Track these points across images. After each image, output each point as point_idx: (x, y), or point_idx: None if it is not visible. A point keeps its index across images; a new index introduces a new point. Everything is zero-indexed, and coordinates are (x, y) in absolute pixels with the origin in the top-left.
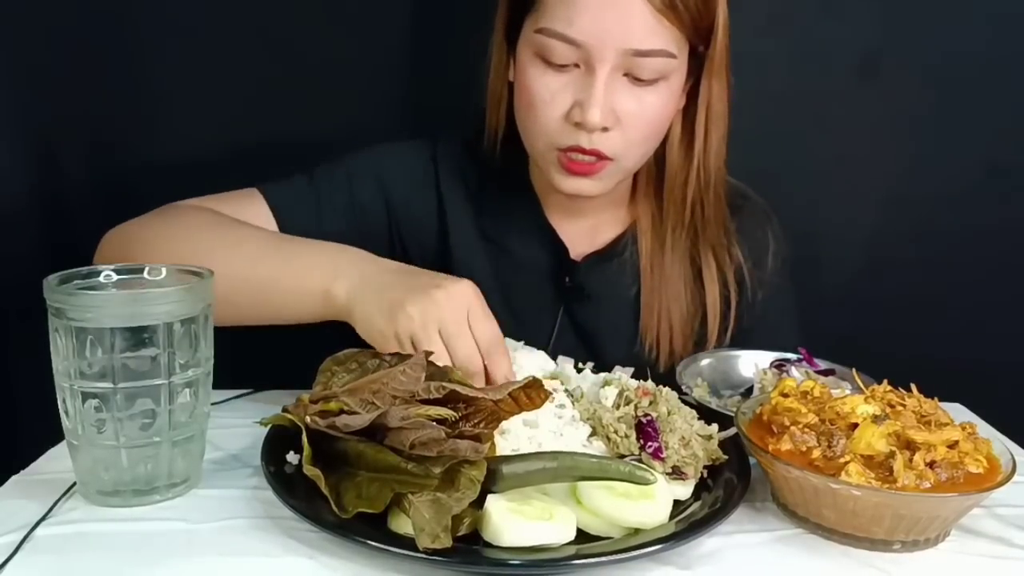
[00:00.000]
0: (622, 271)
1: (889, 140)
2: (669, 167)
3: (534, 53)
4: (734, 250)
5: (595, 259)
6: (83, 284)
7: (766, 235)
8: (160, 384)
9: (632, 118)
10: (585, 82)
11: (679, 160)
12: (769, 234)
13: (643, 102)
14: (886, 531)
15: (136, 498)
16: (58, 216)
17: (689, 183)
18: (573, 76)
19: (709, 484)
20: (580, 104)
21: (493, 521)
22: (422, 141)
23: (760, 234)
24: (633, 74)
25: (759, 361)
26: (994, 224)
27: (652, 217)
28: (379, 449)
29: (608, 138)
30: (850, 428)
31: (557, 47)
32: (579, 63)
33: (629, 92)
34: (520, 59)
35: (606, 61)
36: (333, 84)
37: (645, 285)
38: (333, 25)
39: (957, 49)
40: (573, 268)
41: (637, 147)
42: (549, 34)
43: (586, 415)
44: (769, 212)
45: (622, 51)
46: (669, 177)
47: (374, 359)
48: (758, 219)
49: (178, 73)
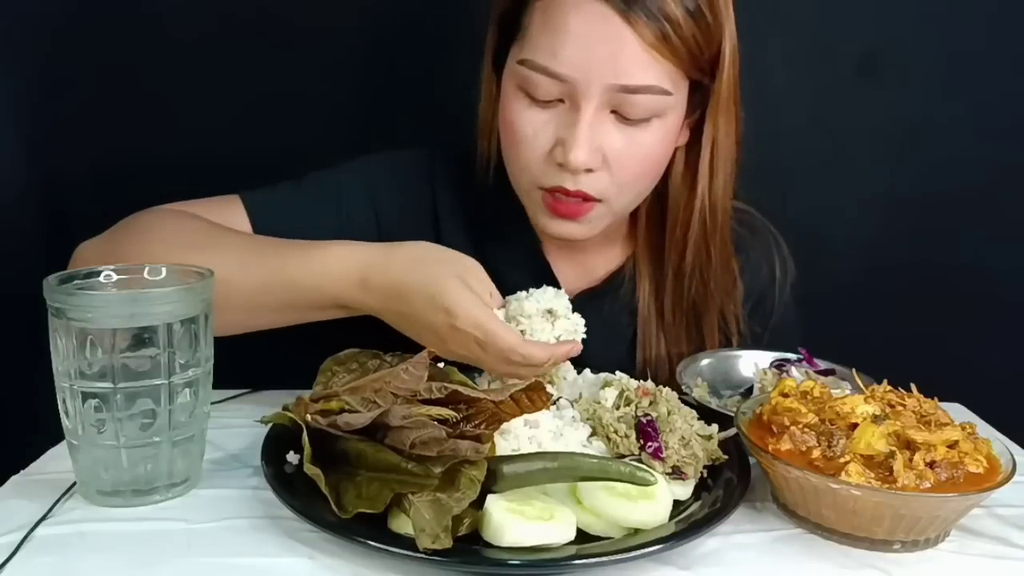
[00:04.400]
0: (619, 309)
1: (889, 140)
2: (671, 207)
3: (517, 85)
4: (738, 292)
5: (589, 296)
6: (83, 284)
7: (772, 268)
8: (160, 384)
9: (621, 158)
10: (569, 119)
11: (682, 200)
12: (776, 267)
13: (634, 141)
14: (886, 531)
15: (136, 498)
16: (58, 216)
17: (692, 226)
18: (557, 112)
19: (709, 484)
20: (563, 143)
21: (493, 521)
22: (419, 154)
23: (766, 269)
24: (622, 112)
25: (759, 361)
26: (994, 224)
27: (651, 258)
28: (379, 449)
29: (595, 179)
30: (850, 428)
31: (540, 81)
32: (563, 98)
33: (618, 131)
34: (504, 90)
35: (592, 97)
36: (335, 87)
37: (641, 329)
38: (334, 28)
39: (957, 49)
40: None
41: (627, 189)
42: (532, 66)
43: (586, 415)
44: (774, 239)
45: (609, 87)
46: (671, 218)
47: (375, 359)
48: (764, 251)
49: (178, 74)
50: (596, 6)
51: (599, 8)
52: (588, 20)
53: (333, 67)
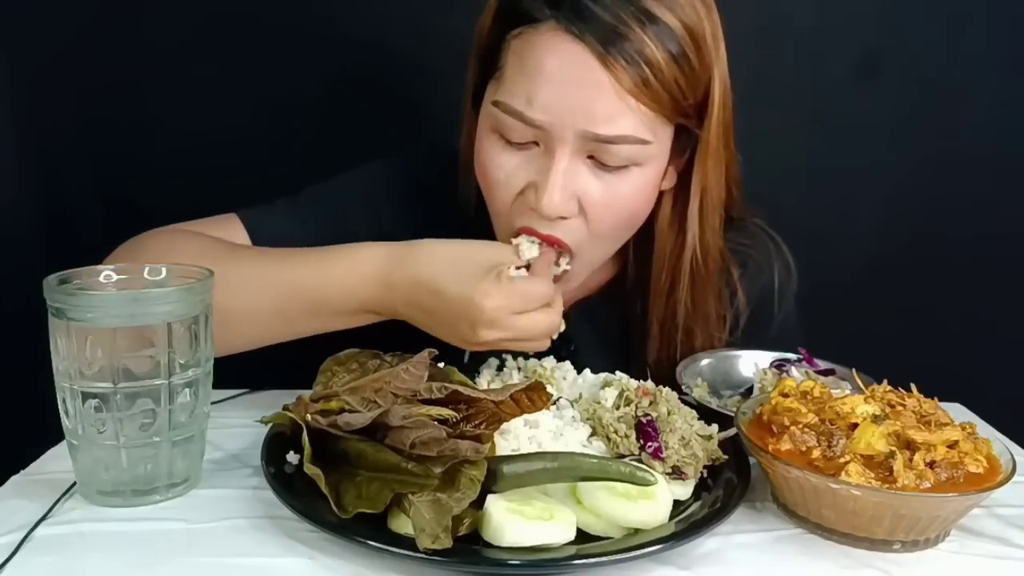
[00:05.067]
0: (612, 318)
1: (889, 140)
2: (657, 251)
3: (491, 127)
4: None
5: (583, 307)
6: (83, 284)
7: (772, 276)
8: (160, 384)
9: (597, 207)
10: (543, 164)
11: (668, 245)
12: (776, 277)
13: (611, 189)
14: (886, 531)
15: (136, 498)
16: (58, 217)
17: (682, 273)
18: (531, 155)
19: (709, 484)
20: (535, 187)
21: (493, 521)
22: (414, 161)
23: (766, 276)
24: (599, 158)
25: (759, 361)
26: (994, 224)
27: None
28: (379, 449)
29: (568, 227)
30: (850, 428)
31: (513, 125)
32: (538, 141)
33: (595, 177)
34: (479, 130)
35: (566, 143)
36: (338, 94)
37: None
38: (337, 32)
39: (957, 49)
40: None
41: (602, 241)
42: (505, 109)
43: (586, 415)
44: (775, 245)
45: (583, 133)
46: (657, 261)
47: (375, 359)
48: (764, 258)
49: (179, 79)
50: (573, 48)
51: (576, 50)
52: (564, 63)
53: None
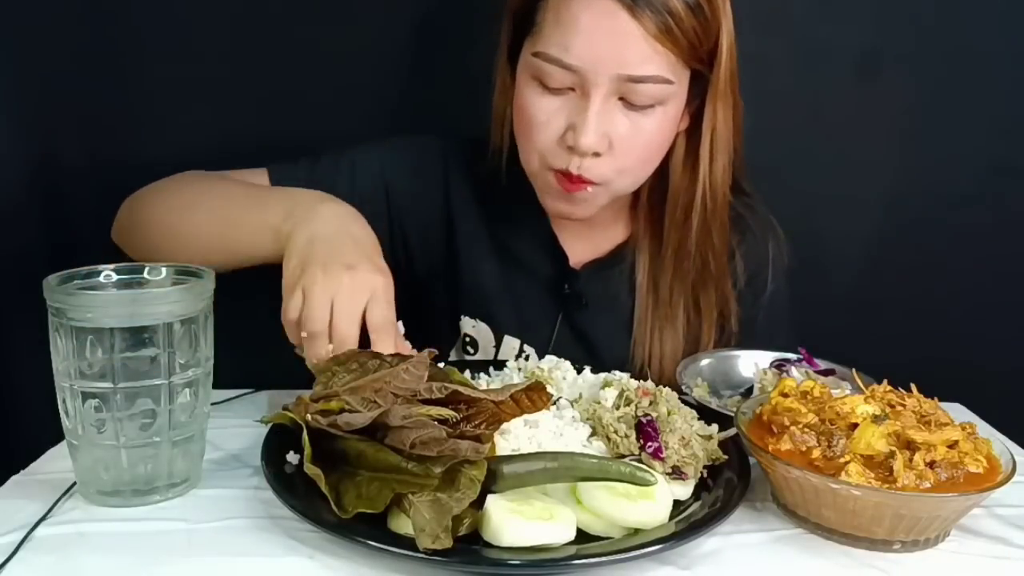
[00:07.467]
0: (621, 281)
1: (889, 140)
2: (673, 190)
3: (531, 76)
4: (736, 273)
5: (595, 268)
6: (83, 284)
7: (767, 252)
8: (160, 384)
9: (625, 143)
10: (579, 106)
11: (683, 182)
12: (770, 250)
13: (637, 127)
14: (886, 531)
15: (136, 498)
16: (58, 216)
17: (694, 207)
18: (568, 99)
19: (709, 484)
20: (574, 128)
21: (493, 521)
22: (431, 137)
23: (763, 247)
24: (628, 99)
25: (759, 361)
26: (994, 224)
27: (652, 235)
28: (379, 448)
29: (597, 164)
30: (850, 428)
31: (553, 71)
32: (574, 87)
33: (624, 116)
34: (519, 80)
35: (600, 86)
36: (338, 82)
37: (640, 303)
38: (337, 24)
39: (957, 49)
40: (572, 276)
41: (629, 173)
42: (545, 58)
43: (586, 415)
44: (771, 224)
45: (616, 77)
46: (672, 197)
47: (375, 359)
48: (763, 231)
49: (179, 72)
50: (604, 3)
51: (607, 4)
52: (597, 15)
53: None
